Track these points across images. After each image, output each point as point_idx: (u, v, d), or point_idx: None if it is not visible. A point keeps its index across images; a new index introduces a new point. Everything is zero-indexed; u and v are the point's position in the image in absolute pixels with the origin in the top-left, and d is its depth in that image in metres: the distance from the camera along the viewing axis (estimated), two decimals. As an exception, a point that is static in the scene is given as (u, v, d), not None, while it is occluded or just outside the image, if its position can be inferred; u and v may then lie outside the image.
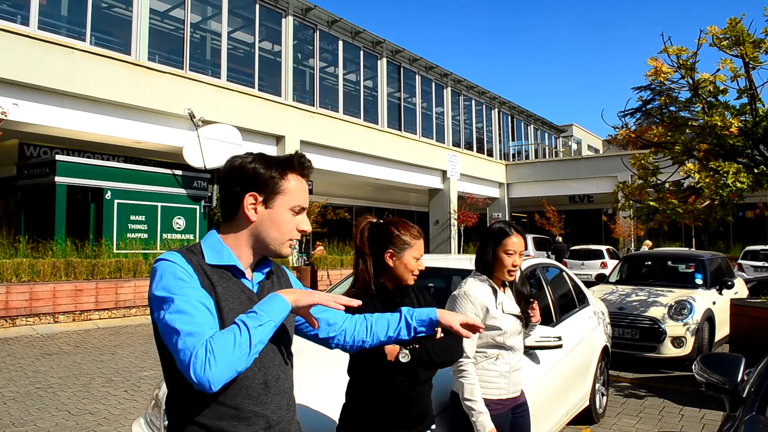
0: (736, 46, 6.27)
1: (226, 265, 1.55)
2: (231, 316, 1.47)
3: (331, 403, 2.58)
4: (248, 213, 1.56)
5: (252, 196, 1.55)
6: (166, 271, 1.45)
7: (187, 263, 1.48)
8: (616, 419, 5.39)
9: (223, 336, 1.35)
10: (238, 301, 1.53)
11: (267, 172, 1.56)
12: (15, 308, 9.87)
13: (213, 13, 16.86)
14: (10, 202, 15.51)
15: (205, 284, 1.48)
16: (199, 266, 1.50)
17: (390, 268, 2.29)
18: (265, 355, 1.55)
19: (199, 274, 1.48)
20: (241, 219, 1.57)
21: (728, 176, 6.11)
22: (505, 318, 2.76)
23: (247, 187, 1.55)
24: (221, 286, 1.51)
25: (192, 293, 1.42)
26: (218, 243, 1.57)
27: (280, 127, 17.36)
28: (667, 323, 7.20)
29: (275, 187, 1.57)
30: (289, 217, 1.60)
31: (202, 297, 1.44)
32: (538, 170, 29.79)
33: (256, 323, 1.39)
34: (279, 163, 1.59)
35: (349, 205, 23.22)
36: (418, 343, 2.18)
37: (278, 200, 1.58)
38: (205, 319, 1.39)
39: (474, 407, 2.57)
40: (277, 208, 1.58)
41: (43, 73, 11.92)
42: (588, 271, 18.87)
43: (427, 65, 24.85)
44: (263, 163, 1.58)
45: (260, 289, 1.62)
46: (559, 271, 5.24)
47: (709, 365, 2.52)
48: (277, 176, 1.58)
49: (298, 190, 1.61)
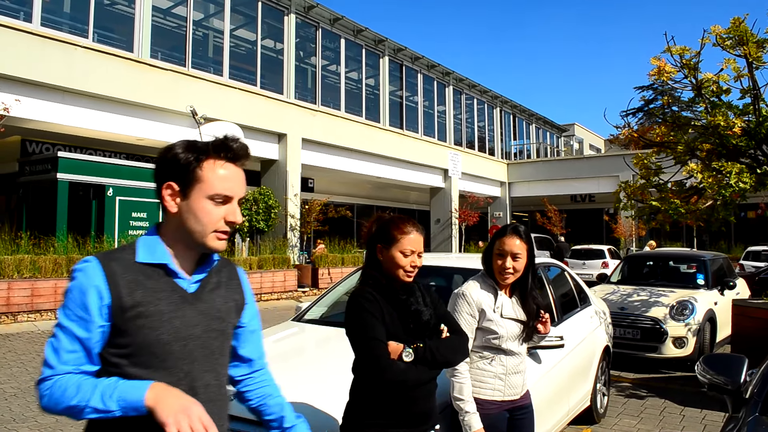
0: (740, 46, 6.26)
1: (158, 263, 1.47)
2: (156, 319, 1.42)
3: (334, 402, 2.57)
4: (168, 205, 1.47)
5: (168, 186, 1.46)
6: (71, 292, 1.41)
7: (99, 274, 1.40)
8: (617, 419, 5.38)
9: (68, 386, 1.35)
10: (166, 302, 1.44)
11: (182, 160, 1.45)
12: (16, 304, 9.88)
13: (215, 10, 16.86)
14: (11, 198, 15.53)
15: (116, 294, 1.39)
16: (117, 273, 1.41)
17: (380, 262, 2.29)
18: (195, 360, 1.48)
19: (111, 284, 1.40)
20: (166, 212, 1.49)
21: (731, 176, 6.10)
22: (503, 322, 2.71)
23: (165, 177, 1.47)
24: (146, 287, 1.43)
25: (74, 328, 1.39)
26: (154, 239, 1.49)
27: (281, 124, 17.36)
28: (668, 323, 7.19)
29: (190, 175, 1.45)
30: (210, 207, 1.47)
31: (82, 330, 1.38)
32: (540, 169, 29.78)
33: (101, 394, 1.34)
34: (196, 149, 1.48)
35: (350, 204, 23.23)
36: (422, 342, 2.18)
37: (195, 189, 1.46)
38: (70, 357, 1.39)
39: (462, 406, 2.56)
40: (194, 198, 1.46)
41: (46, 70, 11.93)
42: (589, 270, 18.87)
43: (429, 64, 24.84)
44: (182, 151, 1.46)
45: (200, 288, 1.53)
46: (560, 270, 5.24)
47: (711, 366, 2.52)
48: (193, 163, 1.45)
49: (218, 178, 1.47)
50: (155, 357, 1.42)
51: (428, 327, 2.25)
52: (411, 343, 2.16)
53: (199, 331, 1.50)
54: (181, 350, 1.46)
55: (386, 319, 2.19)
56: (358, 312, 2.20)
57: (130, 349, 1.41)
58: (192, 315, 1.49)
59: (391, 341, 2.16)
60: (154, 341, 1.42)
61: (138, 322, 1.40)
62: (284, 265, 15.60)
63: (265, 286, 14.66)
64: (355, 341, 2.21)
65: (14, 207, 15.21)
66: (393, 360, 2.13)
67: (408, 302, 2.24)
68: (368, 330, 2.16)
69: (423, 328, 2.23)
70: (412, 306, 2.24)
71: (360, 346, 2.19)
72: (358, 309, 2.20)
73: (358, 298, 2.22)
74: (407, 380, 2.14)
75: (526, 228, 2.82)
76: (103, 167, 13.35)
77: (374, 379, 2.18)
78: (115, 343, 1.41)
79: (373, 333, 2.15)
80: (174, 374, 1.44)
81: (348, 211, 19.92)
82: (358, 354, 2.21)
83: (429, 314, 2.26)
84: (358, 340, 2.20)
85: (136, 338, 1.40)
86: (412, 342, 2.17)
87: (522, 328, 2.78)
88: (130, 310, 1.40)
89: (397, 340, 2.17)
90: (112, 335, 1.40)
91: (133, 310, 1.40)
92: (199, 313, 1.51)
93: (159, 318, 1.42)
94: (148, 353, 1.42)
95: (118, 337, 1.40)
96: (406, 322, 2.21)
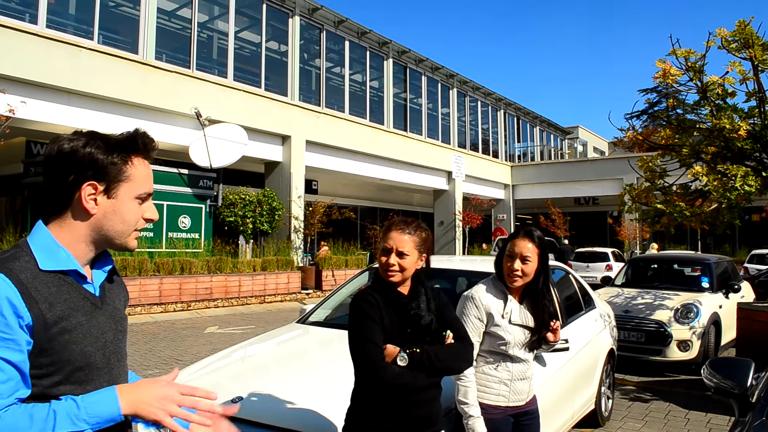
0: (745, 49, 6.25)
1: (65, 270, 1.35)
2: (78, 332, 1.32)
3: (337, 405, 2.57)
4: (87, 206, 1.35)
5: (91, 185, 1.35)
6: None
7: (10, 288, 1.24)
8: (621, 423, 5.37)
9: (16, 419, 1.19)
10: (82, 313, 1.34)
11: (107, 158, 1.35)
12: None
13: (220, 12, 16.91)
14: (16, 199, 15.57)
15: (35, 311, 1.25)
16: (28, 286, 1.26)
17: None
18: (113, 367, 1.42)
19: (26, 299, 1.25)
20: (78, 212, 1.36)
21: (736, 179, 6.09)
22: (510, 328, 2.69)
23: (84, 176, 1.34)
24: (61, 300, 1.31)
25: (4, 353, 1.21)
26: (52, 242, 1.35)
27: (285, 126, 17.38)
28: (673, 327, 7.16)
29: (118, 174, 1.37)
30: (135, 206, 1.42)
31: (14, 353, 1.22)
32: (544, 172, 29.75)
33: (66, 416, 1.21)
34: (120, 146, 1.39)
35: (354, 206, 23.23)
36: (420, 347, 2.16)
37: (122, 188, 1.38)
38: (6, 388, 1.21)
39: (467, 410, 2.55)
40: (122, 198, 1.39)
41: (51, 72, 11.97)
42: (593, 273, 18.84)
43: (433, 66, 24.85)
44: (101, 147, 1.36)
45: (102, 293, 1.43)
46: (565, 273, 5.22)
47: (718, 369, 2.51)
48: (119, 161, 1.37)
49: (144, 176, 1.42)
50: (80, 371, 1.33)
51: (428, 332, 2.22)
52: (409, 348, 2.14)
53: (111, 336, 1.43)
54: (101, 360, 1.38)
55: (385, 322, 2.17)
56: (357, 314, 2.19)
57: (54, 367, 1.29)
58: (103, 321, 1.41)
59: (389, 345, 2.15)
60: (78, 355, 1.32)
61: (62, 338, 1.29)
62: (288, 267, 15.61)
63: (269, 288, 14.68)
64: (351, 343, 2.20)
65: (19, 208, 15.26)
66: (387, 363, 2.11)
67: (408, 306, 2.22)
68: (365, 332, 2.15)
69: (422, 333, 2.21)
70: (411, 310, 2.21)
71: (355, 349, 2.18)
72: (357, 311, 2.20)
73: (359, 301, 2.22)
74: (402, 384, 2.11)
75: (540, 233, 2.79)
76: (107, 169, 13.36)
77: (368, 381, 2.17)
78: (36, 363, 1.26)
79: (368, 336, 2.13)
80: (99, 385, 1.35)
81: (352, 213, 19.94)
82: (353, 356, 2.20)
83: (429, 319, 2.23)
84: (354, 342, 2.19)
85: (61, 355, 1.29)
86: (411, 346, 2.15)
87: (530, 335, 2.75)
88: (54, 326, 1.28)
89: (395, 343, 2.16)
90: (33, 355, 1.26)
91: (57, 326, 1.28)
92: (108, 318, 1.43)
93: (80, 330, 1.33)
94: (72, 369, 1.31)
95: (40, 357, 1.27)
96: (404, 326, 2.20)
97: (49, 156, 1.36)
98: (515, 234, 2.77)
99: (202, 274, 13.24)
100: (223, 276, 13.59)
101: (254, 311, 13.17)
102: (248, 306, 13.78)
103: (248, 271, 14.40)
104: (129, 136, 1.41)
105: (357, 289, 2.45)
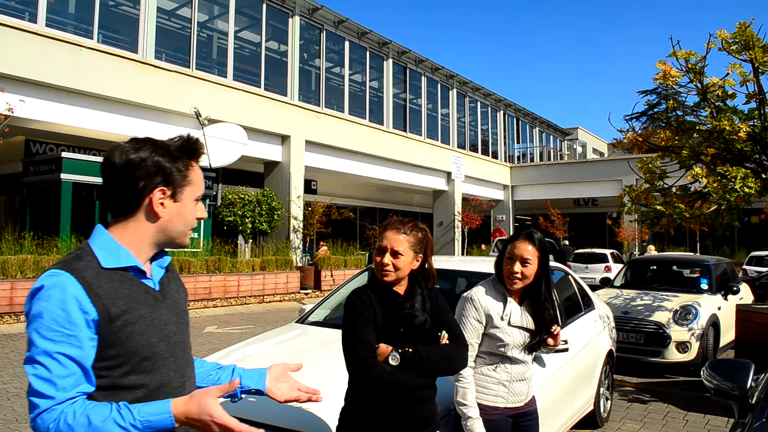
0: (746, 51, 6.25)
1: (125, 267, 1.44)
2: (141, 324, 1.41)
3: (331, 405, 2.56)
4: (157, 209, 1.46)
5: (161, 191, 1.45)
6: (49, 312, 1.32)
7: (76, 287, 1.34)
8: (620, 424, 5.36)
9: (76, 416, 1.28)
10: (144, 306, 1.44)
11: (173, 164, 1.47)
12: (20, 304, 9.89)
13: (220, 12, 16.90)
14: (15, 198, 15.56)
15: (100, 306, 1.35)
16: (93, 283, 1.36)
17: None
18: (177, 357, 1.51)
19: (91, 296, 1.34)
20: (146, 215, 1.47)
21: (736, 181, 6.09)
22: (509, 330, 2.68)
23: (155, 182, 1.45)
24: (123, 294, 1.40)
25: (64, 348, 1.31)
26: (112, 243, 1.45)
27: (285, 126, 17.38)
28: (672, 328, 7.16)
29: (183, 179, 1.49)
30: (194, 207, 1.53)
31: (74, 349, 1.32)
32: (543, 173, 29.77)
33: (121, 423, 1.29)
34: (182, 153, 1.51)
35: (354, 206, 23.24)
36: (413, 347, 2.15)
37: (186, 192, 1.50)
38: (68, 382, 1.31)
39: (465, 411, 2.54)
40: (186, 201, 1.51)
41: (50, 71, 11.96)
42: (592, 274, 18.85)
43: (433, 66, 24.85)
44: (167, 155, 1.47)
45: (162, 288, 1.53)
46: (564, 274, 5.22)
47: (718, 371, 2.50)
48: (183, 167, 1.50)
49: (200, 179, 1.55)
50: (146, 361, 1.42)
51: (422, 332, 2.22)
52: (402, 347, 2.14)
53: (174, 328, 1.52)
54: (166, 350, 1.47)
55: (379, 321, 2.17)
56: (351, 312, 2.20)
57: (122, 358, 1.38)
58: (165, 313, 1.49)
59: (381, 344, 2.15)
60: (143, 346, 1.41)
61: (126, 330, 1.38)
62: (287, 266, 15.60)
63: (268, 288, 14.66)
64: (344, 341, 2.20)
65: (18, 207, 15.25)
66: (378, 362, 2.11)
67: (402, 306, 2.21)
68: (357, 331, 2.15)
69: (416, 333, 2.20)
70: (405, 310, 2.21)
71: (347, 346, 2.18)
72: (351, 310, 2.20)
73: (353, 299, 2.23)
74: (393, 384, 2.11)
75: (541, 236, 2.77)
76: (106, 168, 13.35)
77: (359, 380, 2.17)
78: (104, 356, 1.37)
79: (361, 334, 2.13)
80: (165, 375, 1.45)
81: (351, 213, 19.94)
82: (345, 354, 2.19)
83: (423, 319, 2.22)
84: (346, 340, 2.19)
85: (127, 346, 1.38)
86: (404, 346, 2.14)
87: (529, 338, 2.74)
88: (118, 319, 1.37)
89: (389, 343, 2.15)
90: (101, 348, 1.36)
91: (120, 318, 1.37)
92: (169, 311, 1.52)
93: (143, 322, 1.41)
94: (138, 359, 1.40)
95: (107, 349, 1.37)
96: (398, 326, 2.20)
97: (115, 164, 1.44)
98: (515, 236, 2.76)
99: (201, 274, 13.22)
100: (222, 276, 13.57)
101: (253, 311, 13.16)
102: (247, 306, 13.77)
103: (247, 270, 14.39)
104: (185, 143, 1.52)
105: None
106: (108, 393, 1.36)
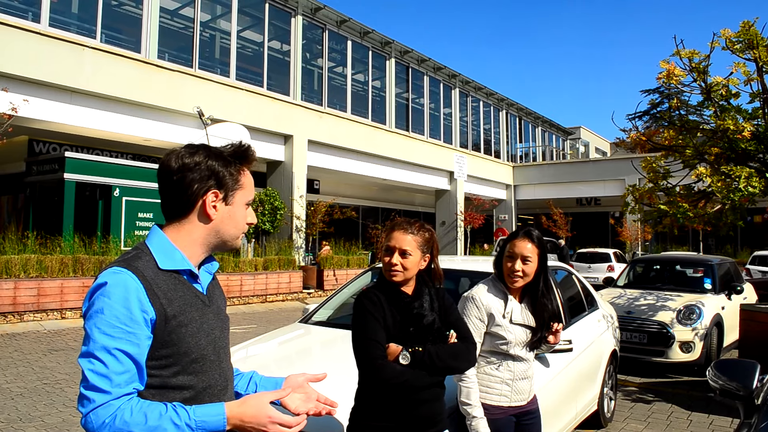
0: (750, 50, 6.23)
1: (180, 270, 1.48)
2: (193, 326, 1.45)
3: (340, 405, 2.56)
4: (209, 211, 1.50)
5: (213, 194, 1.50)
6: (110, 308, 1.34)
7: (137, 285, 1.37)
8: (623, 424, 5.35)
9: (133, 413, 1.30)
10: (195, 309, 1.48)
11: (226, 169, 1.51)
12: (23, 304, 9.92)
13: (223, 11, 16.91)
14: (19, 198, 15.59)
15: (157, 305, 1.39)
16: (152, 283, 1.40)
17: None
18: (222, 360, 1.55)
19: (150, 295, 1.38)
20: (199, 217, 1.51)
21: (740, 180, 6.07)
22: (511, 328, 2.70)
23: (208, 185, 1.49)
24: (177, 296, 1.44)
25: (122, 345, 1.33)
26: (168, 244, 1.49)
27: (288, 126, 17.38)
28: (675, 328, 7.15)
29: (235, 183, 1.53)
30: (244, 211, 1.57)
31: (132, 346, 1.34)
32: (545, 172, 29.72)
33: (177, 422, 1.32)
34: (234, 158, 1.55)
35: (356, 205, 23.23)
36: (422, 346, 2.17)
37: (237, 196, 1.54)
38: (123, 378, 1.33)
39: (470, 411, 2.55)
40: (237, 204, 1.54)
41: (53, 70, 11.98)
42: (595, 274, 18.83)
43: (436, 66, 24.83)
44: (220, 159, 1.52)
45: (209, 293, 1.57)
46: (567, 273, 5.21)
47: (723, 371, 2.49)
48: (235, 172, 1.54)
49: (251, 184, 1.59)
50: (195, 363, 1.46)
51: (431, 331, 2.23)
52: (411, 347, 2.15)
53: (219, 333, 1.56)
54: (213, 353, 1.51)
55: (388, 321, 2.19)
56: (360, 313, 2.21)
57: (173, 358, 1.42)
58: (211, 318, 1.54)
59: (391, 343, 2.17)
60: (194, 348, 1.45)
61: (180, 331, 1.43)
62: (289, 266, 15.61)
63: (270, 288, 14.67)
64: (354, 341, 2.22)
65: (21, 207, 15.27)
66: (388, 361, 2.13)
67: (411, 305, 2.22)
68: (367, 331, 2.16)
69: (425, 332, 2.22)
70: (414, 309, 2.22)
71: (358, 346, 2.20)
72: (360, 310, 2.22)
73: (362, 299, 2.24)
74: (403, 382, 2.13)
75: (540, 233, 2.80)
76: (109, 167, 13.39)
77: (370, 379, 2.18)
78: (156, 355, 1.40)
79: (371, 334, 2.15)
80: (212, 377, 1.50)
81: (353, 212, 19.92)
82: (356, 354, 2.21)
83: (432, 319, 2.24)
84: (356, 340, 2.20)
85: (179, 347, 1.43)
86: (413, 345, 2.16)
87: (531, 335, 2.76)
88: (173, 320, 1.42)
89: (398, 342, 2.17)
90: (154, 348, 1.40)
91: (175, 319, 1.42)
92: (215, 316, 1.56)
93: (194, 325, 1.46)
94: (188, 360, 1.44)
95: (160, 349, 1.41)
96: (407, 325, 2.21)
97: (171, 168, 1.49)
98: (514, 235, 2.78)
99: (203, 274, 13.22)
100: (224, 275, 13.58)
101: (256, 311, 13.17)
102: (250, 305, 13.78)
103: (250, 270, 14.40)
104: (238, 149, 1.56)
105: (359, 289, 2.45)
106: (157, 392, 1.40)
